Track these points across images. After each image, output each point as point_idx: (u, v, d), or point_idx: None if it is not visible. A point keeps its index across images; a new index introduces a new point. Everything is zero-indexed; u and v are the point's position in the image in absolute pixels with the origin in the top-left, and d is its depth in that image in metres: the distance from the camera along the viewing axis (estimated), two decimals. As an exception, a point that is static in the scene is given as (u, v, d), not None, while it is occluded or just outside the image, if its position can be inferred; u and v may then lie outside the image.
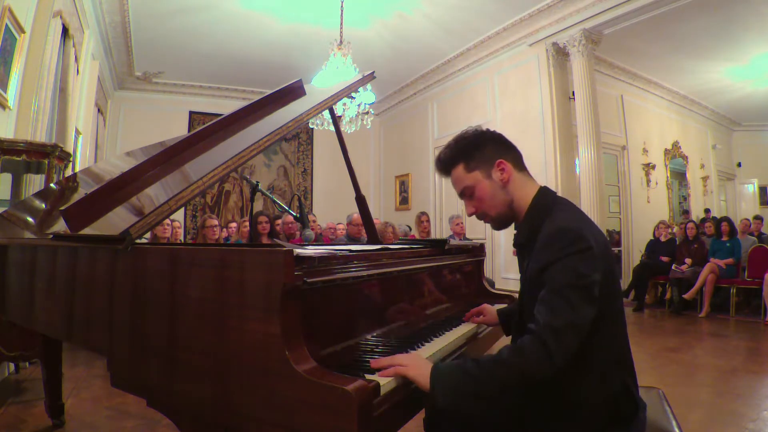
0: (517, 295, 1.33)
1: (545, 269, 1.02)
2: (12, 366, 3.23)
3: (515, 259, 1.41)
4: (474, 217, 1.26)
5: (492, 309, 1.54)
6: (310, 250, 1.03)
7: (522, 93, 6.70)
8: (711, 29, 6.13)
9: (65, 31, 4.31)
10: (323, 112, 2.87)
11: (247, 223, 5.20)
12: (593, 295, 0.98)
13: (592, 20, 5.68)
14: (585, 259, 1.00)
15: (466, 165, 1.21)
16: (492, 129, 1.27)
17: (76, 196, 2.10)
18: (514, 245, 1.22)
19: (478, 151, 1.20)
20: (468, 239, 5.32)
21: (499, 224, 1.25)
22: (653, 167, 8.12)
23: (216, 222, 4.57)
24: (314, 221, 6.12)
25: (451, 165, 1.24)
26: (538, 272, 1.04)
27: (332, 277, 1.07)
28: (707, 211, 9.17)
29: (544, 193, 1.20)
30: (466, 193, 1.23)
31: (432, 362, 1.02)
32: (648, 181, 8.04)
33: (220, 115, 1.90)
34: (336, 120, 2.19)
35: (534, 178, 1.25)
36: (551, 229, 1.07)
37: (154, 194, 1.39)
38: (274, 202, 2.36)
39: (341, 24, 5.70)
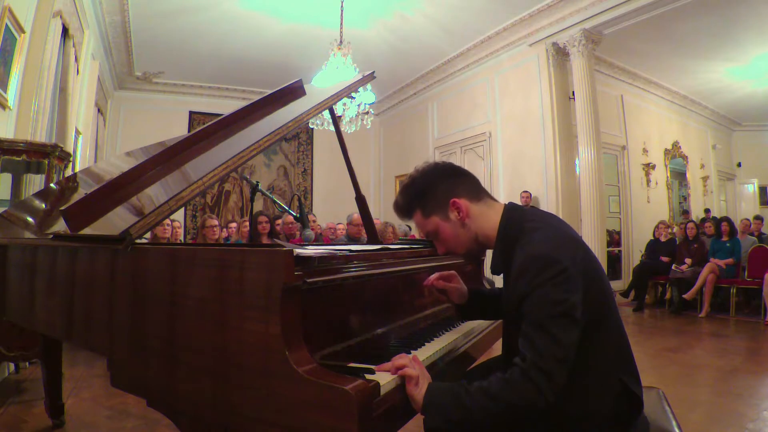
0: None
1: (522, 301, 1.02)
2: (12, 366, 3.23)
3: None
4: (466, 261, 1.25)
5: (462, 287, 1.40)
6: (310, 250, 1.03)
7: (522, 93, 6.71)
8: (711, 29, 6.13)
9: (65, 31, 4.31)
10: (323, 112, 2.87)
11: (247, 223, 5.20)
12: (574, 317, 0.97)
13: (592, 20, 5.68)
14: (559, 284, 0.98)
15: (422, 211, 1.19)
16: (443, 160, 1.24)
17: (76, 196, 2.10)
18: (492, 272, 1.20)
19: (429, 196, 1.17)
20: (468, 239, 5.33)
21: (470, 258, 1.25)
22: (653, 167, 8.12)
23: (216, 222, 4.56)
24: (314, 221, 6.12)
25: (409, 213, 1.22)
26: (516, 303, 1.04)
27: (332, 277, 1.07)
28: (707, 211, 9.17)
29: (510, 213, 1.16)
30: (431, 237, 1.22)
31: (429, 379, 1.02)
32: (648, 181, 8.04)
33: (220, 115, 1.90)
34: (336, 120, 2.19)
35: (497, 199, 1.22)
36: (522, 256, 1.05)
37: (154, 194, 1.39)
38: (274, 202, 2.36)
39: (341, 24, 5.70)
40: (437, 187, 1.17)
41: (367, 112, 5.92)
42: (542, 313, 0.97)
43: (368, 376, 0.95)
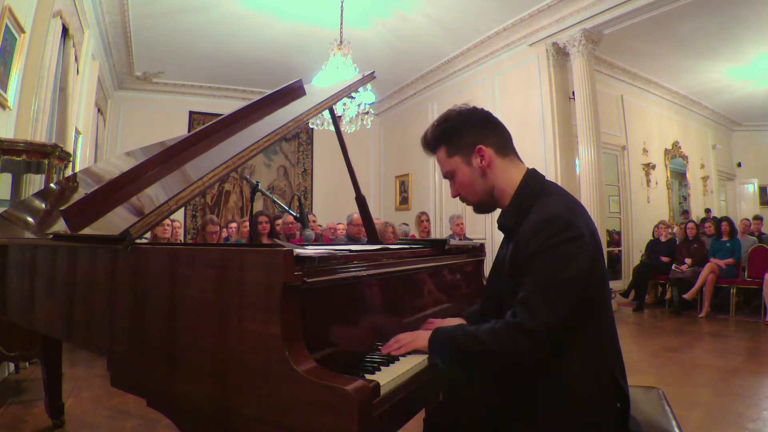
0: None
1: (531, 258, 1.01)
2: (12, 366, 3.23)
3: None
4: (474, 211, 1.27)
5: (457, 320, 1.37)
6: (310, 250, 1.03)
7: (522, 93, 6.70)
8: (711, 29, 6.13)
9: (65, 31, 4.31)
10: (323, 112, 2.87)
11: (247, 223, 5.20)
12: (576, 287, 0.98)
13: (592, 20, 5.67)
14: (572, 250, 0.99)
15: (447, 149, 1.20)
16: (483, 108, 1.23)
17: (76, 196, 2.10)
18: (499, 228, 1.20)
19: (458, 136, 1.18)
20: (468, 239, 5.33)
21: (479, 209, 1.25)
22: (653, 167, 8.12)
23: (217, 228, 4.56)
24: (314, 221, 6.12)
25: (433, 147, 1.23)
26: (524, 259, 1.03)
27: (332, 277, 1.07)
28: (707, 211, 9.17)
29: (533, 176, 1.18)
30: (448, 176, 1.23)
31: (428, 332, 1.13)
32: (648, 181, 8.04)
33: (220, 115, 1.90)
34: (336, 120, 2.19)
35: (522, 160, 1.23)
36: (541, 215, 1.05)
37: (154, 194, 1.39)
38: (274, 202, 2.36)
39: (341, 24, 5.69)
40: (469, 130, 1.18)
41: (367, 112, 5.91)
42: (548, 275, 0.98)
43: (368, 376, 0.95)
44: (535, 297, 0.97)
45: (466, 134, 1.17)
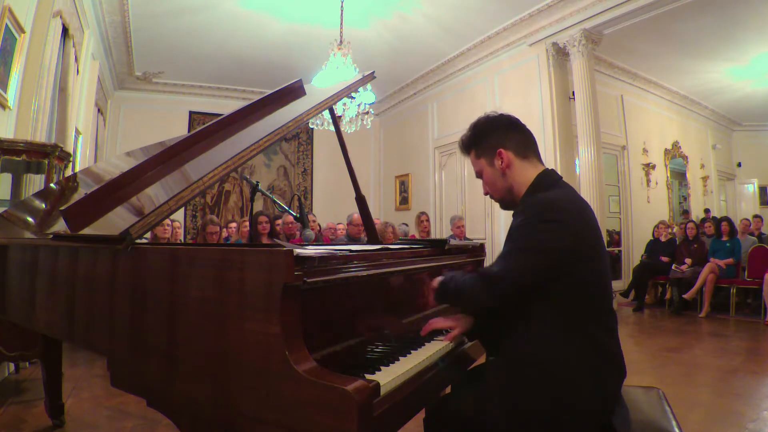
0: None
1: (515, 229, 1.17)
2: (12, 366, 3.23)
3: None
4: (500, 207, 1.42)
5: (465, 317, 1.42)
6: (310, 250, 1.03)
7: (522, 93, 6.70)
8: (711, 29, 6.13)
9: (65, 31, 4.31)
10: (323, 112, 2.87)
11: (247, 223, 5.20)
12: (547, 259, 1.10)
13: (592, 20, 5.67)
14: (548, 229, 1.11)
15: (476, 152, 1.35)
16: (510, 114, 1.36)
17: (76, 196, 2.10)
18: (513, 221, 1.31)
19: (483, 140, 1.32)
20: (468, 239, 5.32)
21: (503, 206, 1.39)
22: (653, 167, 8.12)
23: (217, 229, 4.56)
24: (314, 221, 6.12)
25: (466, 150, 1.39)
26: (511, 231, 1.19)
27: (332, 277, 1.07)
28: (707, 211, 9.17)
29: (547, 174, 1.29)
30: (479, 176, 1.38)
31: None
32: (648, 181, 8.04)
33: (220, 115, 1.90)
34: (336, 120, 2.19)
35: (544, 163, 1.34)
36: (533, 200, 1.19)
37: (154, 194, 1.39)
38: (274, 202, 2.36)
39: (341, 24, 5.69)
40: (492, 135, 1.32)
41: (367, 112, 5.91)
42: (524, 241, 1.13)
43: (368, 376, 0.95)
44: (510, 257, 1.14)
45: (490, 138, 1.32)
